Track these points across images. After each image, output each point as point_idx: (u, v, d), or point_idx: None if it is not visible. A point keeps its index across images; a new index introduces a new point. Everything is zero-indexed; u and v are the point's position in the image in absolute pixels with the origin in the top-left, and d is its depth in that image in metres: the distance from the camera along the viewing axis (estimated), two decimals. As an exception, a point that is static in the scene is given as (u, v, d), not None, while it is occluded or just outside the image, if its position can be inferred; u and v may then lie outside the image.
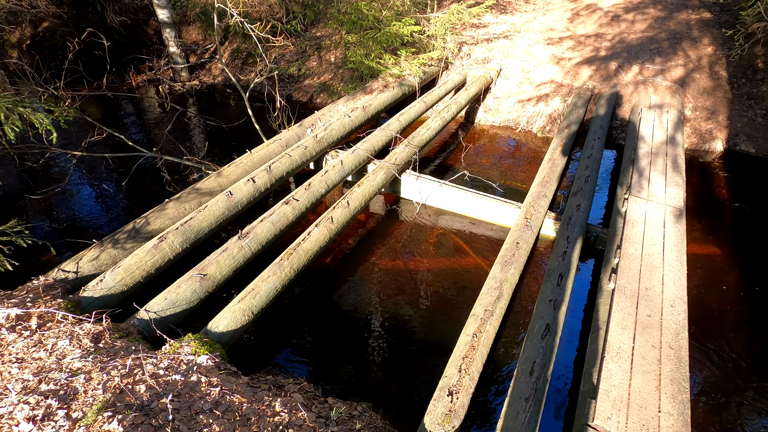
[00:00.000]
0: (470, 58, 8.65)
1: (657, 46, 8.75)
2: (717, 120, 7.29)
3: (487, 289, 3.83)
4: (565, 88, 7.93)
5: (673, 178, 5.18)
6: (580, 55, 8.65)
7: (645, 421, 2.76)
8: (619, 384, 2.97)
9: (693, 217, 5.39)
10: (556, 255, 4.25)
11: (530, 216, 4.66)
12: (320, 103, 8.62)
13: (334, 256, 4.97)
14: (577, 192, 5.08)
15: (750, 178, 6.40)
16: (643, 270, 3.90)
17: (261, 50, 5.35)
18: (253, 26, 5.13)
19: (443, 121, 6.45)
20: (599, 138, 6.11)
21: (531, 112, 7.71)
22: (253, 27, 5.03)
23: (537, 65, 8.42)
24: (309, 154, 5.47)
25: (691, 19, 9.55)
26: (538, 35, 9.44)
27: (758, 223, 5.50)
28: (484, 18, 10.37)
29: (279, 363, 3.80)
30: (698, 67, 8.16)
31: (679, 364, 3.12)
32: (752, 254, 4.99)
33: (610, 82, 7.89)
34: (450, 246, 5.14)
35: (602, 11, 10.41)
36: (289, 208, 4.48)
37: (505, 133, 7.72)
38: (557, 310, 3.62)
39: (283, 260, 3.90)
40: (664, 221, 4.48)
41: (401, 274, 4.74)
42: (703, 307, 4.30)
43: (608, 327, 3.41)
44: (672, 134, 6.16)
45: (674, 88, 7.62)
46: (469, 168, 6.51)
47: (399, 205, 5.77)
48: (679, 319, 3.47)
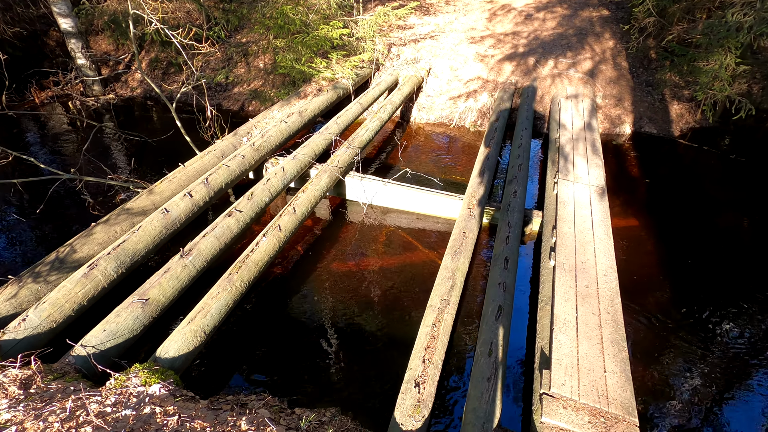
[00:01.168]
0: (400, 58, 8.85)
1: (567, 42, 9.54)
2: (623, 106, 8.10)
3: (440, 279, 3.95)
4: (491, 83, 8.39)
5: (593, 161, 5.68)
6: (501, 52, 9.19)
7: (594, 382, 3.01)
8: (569, 352, 3.21)
9: (613, 194, 5.94)
10: (500, 240, 4.48)
11: (472, 206, 4.87)
12: (252, 111, 8.36)
13: (284, 265, 4.85)
14: (513, 180, 5.40)
15: (655, 156, 7.19)
16: (577, 246, 4.24)
17: (185, 58, 5.07)
18: (175, 33, 4.86)
19: (380, 122, 6.54)
20: (526, 128, 6.54)
21: (462, 108, 8.06)
22: (175, 34, 4.76)
23: (463, 63, 8.81)
24: (248, 163, 5.29)
25: (593, 17, 10.52)
26: (462, 35, 9.89)
27: (665, 194, 6.20)
28: (410, 20, 10.67)
29: (240, 381, 3.64)
30: (603, 59, 9.01)
31: (616, 327, 3.43)
32: (663, 222, 5.61)
33: (530, 76, 8.47)
34: (400, 243, 5.23)
35: (516, 11, 11.13)
36: (233, 220, 4.30)
37: (440, 129, 7.99)
38: (507, 291, 3.83)
39: (232, 274, 3.75)
40: (590, 200, 4.91)
41: (354, 276, 4.74)
42: (629, 272, 4.76)
43: (553, 301, 3.66)
44: (588, 121, 6.75)
45: (585, 79, 8.36)
46: (410, 165, 6.67)
47: (345, 207, 5.77)
48: (612, 287, 3.81)
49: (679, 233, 5.45)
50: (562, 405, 2.87)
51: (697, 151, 7.35)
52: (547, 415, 2.82)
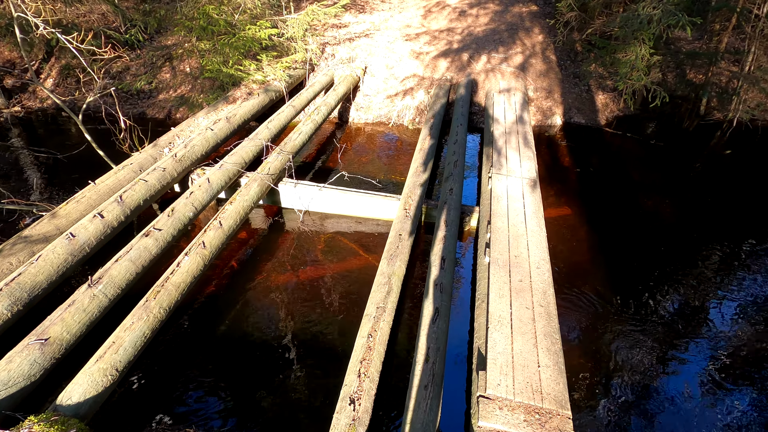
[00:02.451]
0: (335, 58, 8.66)
1: (499, 37, 9.76)
2: (554, 98, 8.39)
3: (377, 285, 3.84)
4: (427, 80, 8.40)
5: (525, 153, 5.80)
6: (436, 48, 9.23)
7: (528, 378, 3.01)
8: (504, 350, 3.20)
9: (546, 184, 6.11)
10: (437, 240, 4.44)
11: (409, 206, 4.80)
12: (180, 118, 7.86)
13: (217, 283, 4.55)
14: (449, 177, 5.39)
15: (584, 145, 7.50)
16: (511, 240, 4.28)
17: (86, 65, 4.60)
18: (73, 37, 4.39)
19: (315, 124, 6.33)
20: (462, 124, 6.58)
21: (400, 106, 8.01)
22: (71, 39, 4.29)
23: (399, 61, 8.77)
24: (169, 175, 4.91)
25: (523, 12, 10.85)
26: (397, 32, 9.84)
27: (594, 181, 6.46)
28: (344, 18, 10.49)
29: (165, 415, 3.34)
30: (533, 53, 9.29)
31: (549, 319, 3.47)
32: (594, 208, 5.83)
33: (465, 72, 8.57)
34: (340, 249, 5.07)
35: (451, 7, 11.26)
36: (151, 241, 3.96)
37: (379, 128, 7.90)
38: (444, 293, 3.78)
39: (149, 301, 3.43)
40: (523, 193, 4.99)
41: (294, 287, 4.54)
42: (563, 260, 4.89)
43: (488, 298, 3.66)
44: (520, 114, 6.91)
45: (517, 73, 8.57)
46: (349, 167, 6.52)
47: (281, 216, 5.52)
48: (545, 278, 3.87)
49: (609, 218, 5.69)
50: (498, 406, 2.85)
51: (621, 138, 7.74)
52: (484, 418, 2.78)
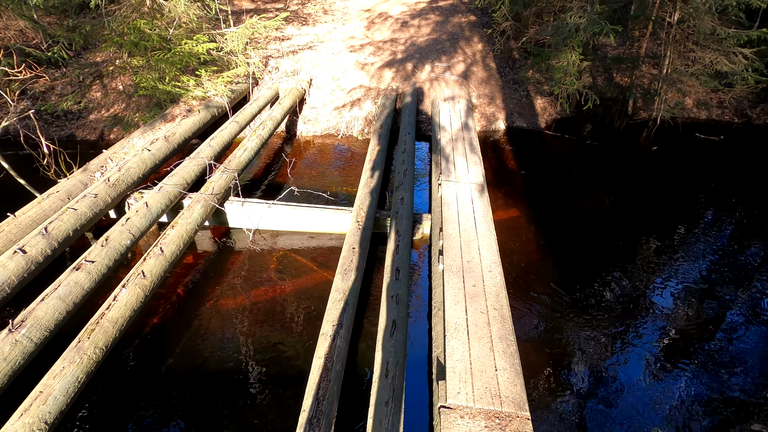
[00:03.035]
0: (279, 71, 8.52)
1: (441, 47, 10.03)
2: (496, 104, 8.72)
3: (332, 302, 3.75)
4: (373, 91, 8.45)
5: (472, 159, 5.95)
6: (381, 59, 9.34)
7: (486, 383, 3.04)
8: (462, 357, 3.21)
9: (494, 188, 6.30)
10: (391, 250, 4.43)
11: (361, 218, 4.76)
12: (114, 139, 7.39)
13: (162, 314, 4.26)
14: (399, 186, 5.41)
15: (527, 148, 7.82)
16: (463, 245, 4.35)
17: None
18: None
19: (261, 140, 6.17)
20: (410, 133, 6.65)
21: (348, 117, 7.99)
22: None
23: (344, 72, 8.77)
24: (102, 202, 4.57)
25: (462, 22, 11.24)
26: (341, 44, 9.86)
27: (539, 182, 6.75)
28: (287, 31, 10.37)
29: (104, 468, 3.06)
30: (474, 61, 9.63)
31: (503, 322, 3.53)
32: (540, 208, 6.07)
33: (410, 81, 8.72)
34: (293, 267, 4.93)
35: (393, 18, 11.47)
36: (83, 274, 3.65)
37: (328, 141, 7.83)
38: (400, 304, 3.75)
39: (82, 341, 3.14)
40: (472, 198, 5.10)
41: (247, 310, 4.34)
42: (514, 261, 5.03)
43: (444, 306, 3.68)
44: (465, 121, 7.10)
45: (460, 81, 8.83)
46: (298, 182, 6.39)
47: (229, 237, 5.30)
48: (497, 281, 3.95)
49: (554, 216, 5.94)
50: (459, 415, 2.85)
51: (561, 139, 8.16)
52: (446, 429, 2.76)
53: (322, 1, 12.64)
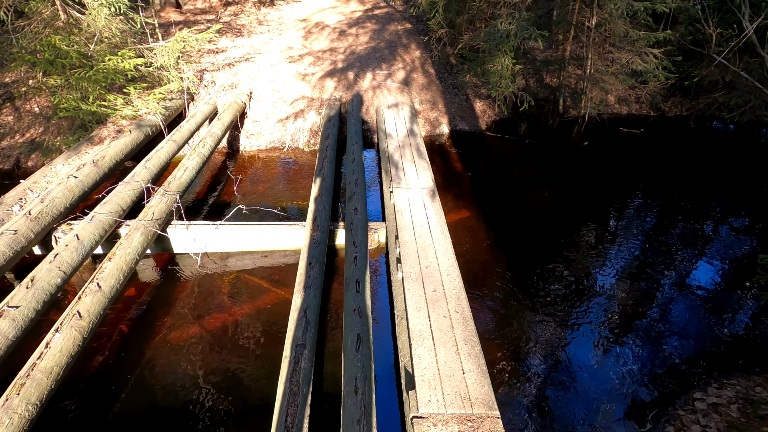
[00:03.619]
0: (216, 85, 8.19)
1: (381, 55, 10.15)
2: (438, 108, 8.95)
3: (293, 322, 3.63)
4: (316, 101, 8.36)
5: (420, 165, 6.04)
6: (322, 69, 9.27)
7: (455, 386, 3.07)
8: (429, 364, 3.22)
9: (444, 191, 6.43)
10: (349, 262, 4.37)
11: (315, 232, 4.67)
12: (33, 167, 6.71)
13: (106, 355, 3.91)
14: (352, 196, 5.37)
15: (471, 149, 8.09)
16: (420, 251, 4.38)
17: None
18: None
19: (202, 158, 5.87)
20: (357, 142, 6.64)
21: (293, 129, 7.84)
22: None
23: (285, 83, 8.61)
24: (24, 238, 4.12)
25: (399, 30, 11.45)
26: (279, 55, 9.68)
27: (485, 182, 6.99)
28: (221, 43, 10.01)
29: None
30: (414, 68, 9.83)
31: (466, 324, 3.59)
32: (489, 207, 6.28)
33: (353, 90, 8.72)
34: (248, 288, 4.72)
35: (330, 28, 11.44)
36: (6, 322, 3.25)
37: (274, 154, 7.63)
38: (363, 317, 3.70)
39: (11, 399, 2.79)
40: (424, 203, 5.17)
41: (201, 340, 4.09)
42: (469, 261, 5.15)
43: (407, 314, 3.68)
44: (410, 127, 7.21)
45: (402, 88, 8.97)
46: (246, 199, 6.16)
47: (175, 263, 4.98)
48: (456, 284, 4.02)
49: (502, 213, 6.16)
50: (432, 423, 2.84)
51: (501, 140, 8.52)
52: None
53: (255, 11, 12.35)
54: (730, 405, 3.46)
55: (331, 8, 12.95)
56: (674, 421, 3.41)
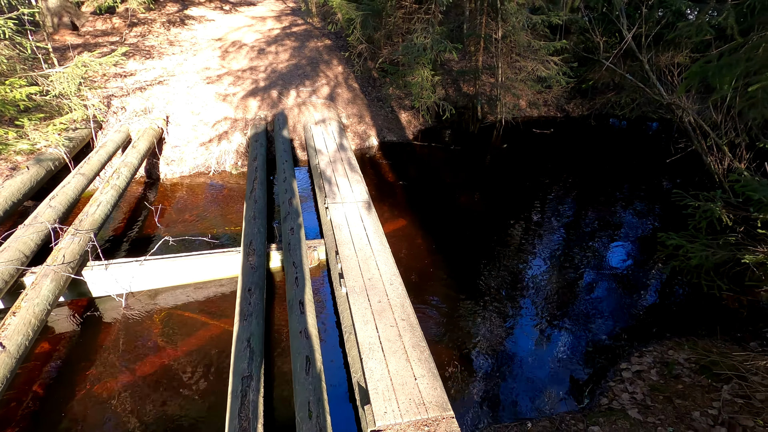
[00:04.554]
0: (127, 111, 7.63)
1: (303, 71, 10.12)
2: (366, 121, 9.10)
3: (237, 353, 3.46)
4: (240, 122, 8.11)
5: (353, 178, 6.09)
6: (243, 88, 9.03)
7: (409, 394, 3.10)
8: (381, 376, 3.23)
9: (379, 202, 6.53)
10: (290, 284, 4.27)
11: (252, 257, 4.50)
12: None
13: (17, 424, 3.42)
14: (287, 216, 5.26)
15: (401, 159, 8.32)
16: (361, 264, 4.40)
17: None
18: None
19: (118, 190, 5.43)
20: (287, 160, 6.54)
21: (217, 152, 7.52)
22: None
23: (205, 105, 8.26)
24: None
25: (319, 46, 11.52)
26: (196, 76, 9.27)
27: (417, 189, 7.21)
28: (129, 66, 9.37)
29: None
30: (338, 83, 9.93)
31: (413, 330, 3.66)
32: (423, 214, 6.48)
33: (278, 108, 8.60)
34: (183, 325, 4.41)
35: (248, 46, 11.20)
36: None
37: (199, 180, 7.25)
38: (310, 338, 3.63)
39: None
40: (361, 216, 5.21)
41: (134, 388, 3.73)
42: (410, 268, 5.27)
43: (355, 328, 3.66)
44: (340, 141, 7.25)
45: (328, 104, 9.01)
46: (172, 230, 5.78)
47: (96, 309, 4.52)
48: (399, 292, 4.08)
49: (436, 219, 6.39)
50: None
51: (428, 148, 8.87)
52: (380, 453, 2.74)
53: (165, 32, 11.74)
54: (650, 370, 3.87)
55: (247, 26, 12.70)
56: (607, 393, 3.73)
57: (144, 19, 11.88)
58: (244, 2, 15.56)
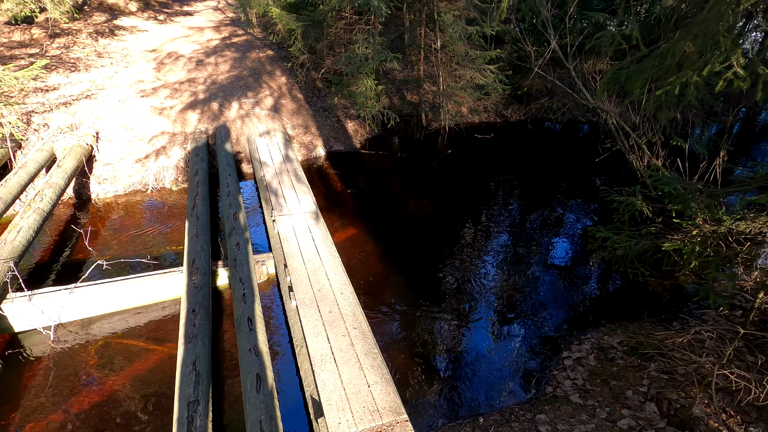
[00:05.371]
0: (50, 128, 7.09)
1: (245, 83, 9.91)
2: (312, 132, 9.06)
3: (182, 378, 3.30)
4: (179, 136, 7.79)
5: (300, 189, 6.03)
6: (181, 101, 8.69)
7: (363, 402, 3.11)
8: (334, 386, 3.21)
9: (328, 212, 6.51)
10: (237, 301, 4.14)
11: (195, 276, 4.33)
12: None
13: None
14: (232, 231, 5.11)
15: (349, 169, 8.35)
16: (311, 276, 4.36)
17: None
18: None
19: (42, 214, 5.02)
20: (231, 174, 6.36)
21: (155, 168, 7.16)
22: None
23: (139, 120, 7.85)
24: None
25: (261, 57, 11.34)
26: (128, 89, 8.81)
27: (366, 198, 7.27)
28: (51, 79, 8.72)
29: None
30: (282, 94, 9.82)
31: (365, 338, 3.67)
32: (374, 222, 6.54)
33: (219, 121, 8.35)
34: (122, 354, 4.14)
35: (186, 58, 10.81)
36: None
37: (136, 198, 6.86)
38: (260, 355, 3.54)
39: None
40: (309, 227, 5.17)
41: (67, 428, 3.44)
42: (362, 276, 5.29)
43: (306, 341, 3.62)
44: (286, 153, 7.16)
45: (272, 115, 8.88)
46: (106, 253, 5.42)
47: (20, 344, 4.13)
48: (351, 301, 4.09)
49: (387, 226, 6.47)
50: (345, 445, 2.83)
51: (376, 156, 8.97)
52: (335, 465, 2.72)
53: (92, 43, 11.06)
54: (588, 356, 4.13)
55: (184, 37, 12.27)
56: (551, 381, 3.94)
57: (68, 29, 11.13)
58: (180, 12, 15.04)
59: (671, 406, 3.40)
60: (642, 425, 3.30)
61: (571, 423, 3.37)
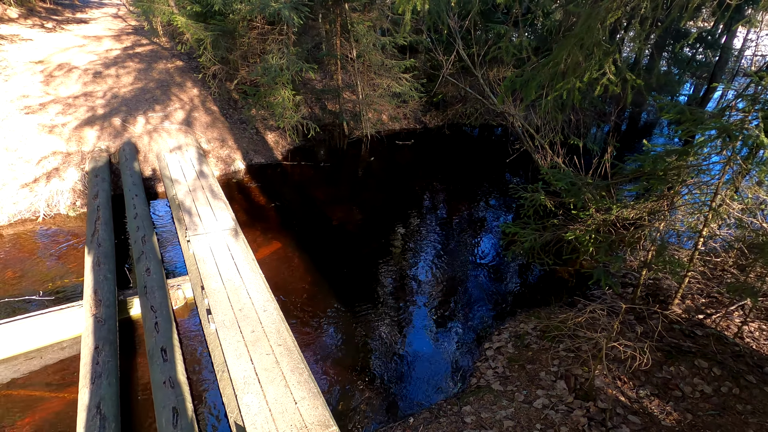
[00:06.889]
0: None
1: (152, 95, 9.27)
2: (229, 145, 8.70)
3: (83, 424, 2.98)
4: (75, 155, 7.06)
5: (217, 206, 5.76)
6: (76, 117, 7.90)
7: (290, 420, 3.03)
8: (259, 408, 3.10)
9: (250, 228, 6.29)
10: (149, 330, 3.84)
11: (98, 309, 3.94)
12: None
13: None
14: (141, 256, 4.74)
15: (271, 181, 8.14)
16: (231, 296, 4.18)
17: None
18: None
19: None
20: (137, 194, 5.89)
21: (47, 193, 6.42)
22: None
23: (24, 140, 7.00)
24: None
25: (169, 68, 10.68)
26: (9, 105, 7.82)
27: (290, 211, 7.14)
28: None
29: None
30: (194, 106, 9.32)
31: (291, 354, 3.59)
32: (299, 234, 6.43)
33: (123, 138, 7.72)
34: (14, 405, 3.64)
35: (80, 69, 9.85)
36: None
37: (24, 228, 6.08)
38: (177, 386, 3.31)
39: None
40: (228, 245, 4.95)
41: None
42: (289, 290, 5.17)
43: (227, 365, 3.46)
44: (200, 168, 6.81)
45: (184, 129, 8.40)
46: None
47: None
48: (275, 317, 3.98)
49: (313, 237, 6.40)
50: (272, 468, 2.74)
51: (299, 167, 8.85)
52: (262, 490, 2.62)
53: (-40, 54, 9.67)
54: (507, 344, 4.42)
55: (77, 47, 11.17)
56: (475, 373, 4.15)
57: (-73, 38, 9.63)
58: (73, 20, 13.68)
59: (577, 381, 3.75)
60: (554, 402, 3.59)
61: (493, 410, 3.57)
